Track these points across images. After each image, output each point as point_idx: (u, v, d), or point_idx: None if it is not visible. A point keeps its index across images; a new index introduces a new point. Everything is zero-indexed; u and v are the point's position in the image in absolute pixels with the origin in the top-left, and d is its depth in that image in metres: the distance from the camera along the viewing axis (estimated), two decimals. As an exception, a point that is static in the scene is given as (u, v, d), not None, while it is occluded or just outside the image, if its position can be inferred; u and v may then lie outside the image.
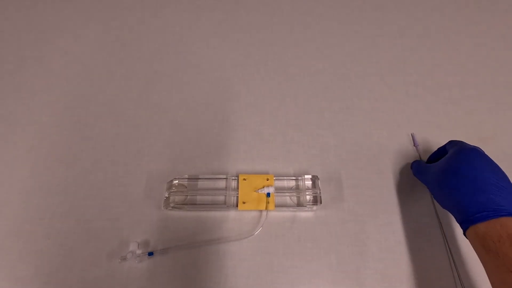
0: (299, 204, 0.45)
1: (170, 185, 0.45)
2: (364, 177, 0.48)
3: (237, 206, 0.43)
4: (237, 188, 0.44)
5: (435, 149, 0.45)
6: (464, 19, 0.66)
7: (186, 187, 0.46)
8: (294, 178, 0.47)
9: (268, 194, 0.43)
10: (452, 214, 0.37)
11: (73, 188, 0.46)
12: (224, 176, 0.45)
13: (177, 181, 0.45)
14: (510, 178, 0.36)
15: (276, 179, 0.46)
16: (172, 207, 0.43)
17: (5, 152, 0.49)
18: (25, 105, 0.53)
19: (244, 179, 0.45)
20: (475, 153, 0.38)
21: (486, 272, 0.33)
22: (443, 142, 0.43)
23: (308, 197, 0.44)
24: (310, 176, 0.46)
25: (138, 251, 0.40)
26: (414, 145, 0.50)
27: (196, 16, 0.64)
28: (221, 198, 0.45)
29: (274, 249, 0.42)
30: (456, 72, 0.59)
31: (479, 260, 0.34)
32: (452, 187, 0.36)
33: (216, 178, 0.46)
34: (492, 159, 0.38)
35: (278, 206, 0.44)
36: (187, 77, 0.57)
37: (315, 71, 0.58)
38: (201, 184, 0.46)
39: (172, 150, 0.49)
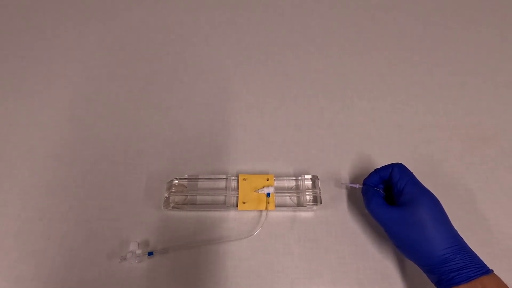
0: (299, 204, 0.45)
1: (170, 185, 0.45)
2: (364, 177, 0.47)
3: (237, 206, 0.43)
4: (237, 188, 0.44)
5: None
6: (464, 19, 0.66)
7: (186, 187, 0.46)
8: (294, 178, 0.47)
9: (268, 194, 0.43)
10: (420, 267, 0.37)
11: (73, 188, 0.46)
12: (224, 176, 0.45)
13: (177, 181, 0.45)
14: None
15: (276, 179, 0.46)
16: (172, 207, 0.43)
17: (5, 152, 0.49)
18: (25, 105, 0.53)
19: (244, 179, 0.45)
20: (436, 202, 0.37)
21: None
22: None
23: (308, 197, 0.44)
24: (310, 176, 0.46)
25: (138, 251, 0.40)
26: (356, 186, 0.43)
27: (196, 16, 0.64)
28: (221, 198, 0.45)
29: (274, 249, 0.42)
30: (456, 72, 0.59)
31: None
32: (428, 246, 0.34)
33: (216, 178, 0.46)
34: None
35: (278, 206, 0.44)
36: (187, 77, 0.57)
37: (315, 71, 0.58)
38: (201, 184, 0.46)
39: (172, 150, 0.49)
